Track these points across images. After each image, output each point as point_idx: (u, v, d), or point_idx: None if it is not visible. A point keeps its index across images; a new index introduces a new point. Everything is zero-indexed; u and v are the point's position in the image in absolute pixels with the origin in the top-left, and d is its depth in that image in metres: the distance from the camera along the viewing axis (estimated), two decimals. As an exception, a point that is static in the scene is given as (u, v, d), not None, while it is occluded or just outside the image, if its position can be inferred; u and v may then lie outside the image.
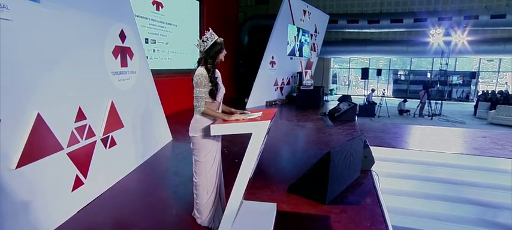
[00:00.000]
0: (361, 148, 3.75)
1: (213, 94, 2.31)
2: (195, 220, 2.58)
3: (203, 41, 2.33)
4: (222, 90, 2.44)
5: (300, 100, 9.71)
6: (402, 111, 11.03)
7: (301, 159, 4.49)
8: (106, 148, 3.24)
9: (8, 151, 2.08)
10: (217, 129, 2.24)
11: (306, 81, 10.19)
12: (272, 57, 9.82)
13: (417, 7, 13.29)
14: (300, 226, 2.71)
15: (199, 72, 2.29)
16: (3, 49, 2.02)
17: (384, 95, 10.84)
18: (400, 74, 16.56)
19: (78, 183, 2.78)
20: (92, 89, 3.01)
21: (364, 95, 11.37)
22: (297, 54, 11.29)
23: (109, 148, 3.29)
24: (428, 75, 15.66)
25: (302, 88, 9.80)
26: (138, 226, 2.60)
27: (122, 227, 2.67)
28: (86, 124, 2.88)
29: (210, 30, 2.37)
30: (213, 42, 2.30)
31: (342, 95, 11.29)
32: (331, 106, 9.10)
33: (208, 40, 2.30)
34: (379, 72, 12.09)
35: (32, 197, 2.29)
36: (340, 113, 7.39)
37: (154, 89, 4.49)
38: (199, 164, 2.44)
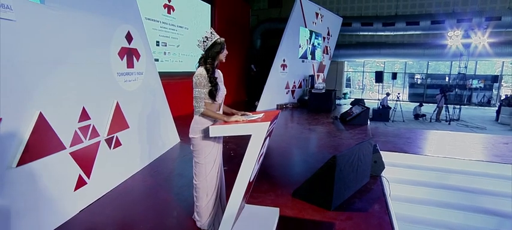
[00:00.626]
0: (370, 152, 3.61)
1: (213, 95, 2.27)
2: (195, 223, 2.54)
3: (203, 41, 2.29)
4: (223, 91, 2.39)
5: (312, 103, 9.57)
6: (418, 116, 10.66)
7: (309, 163, 4.38)
8: (110, 148, 3.25)
9: (9, 149, 2.11)
10: (216, 130, 2.19)
11: (318, 85, 10.04)
12: (283, 60, 9.74)
13: (434, 9, 12.89)
14: (303, 232, 2.62)
15: (198, 72, 2.25)
16: (6, 49, 2.05)
17: (399, 99, 10.52)
18: (417, 78, 16.06)
19: (81, 183, 2.80)
20: (97, 90, 3.03)
21: (378, 99, 11.06)
22: (309, 57, 11.16)
23: (113, 148, 3.30)
24: (446, 79, 15.12)
25: (313, 91, 9.67)
26: (138, 228, 2.58)
27: (121, 228, 2.65)
28: (90, 124, 2.90)
29: (211, 29, 2.33)
30: (213, 42, 2.27)
31: (355, 99, 11.04)
32: (343, 110, 8.92)
33: (208, 40, 2.27)
34: (394, 76, 11.74)
35: (34, 195, 2.31)
36: (351, 117, 7.21)
37: (161, 91, 4.50)
38: (199, 166, 2.39)
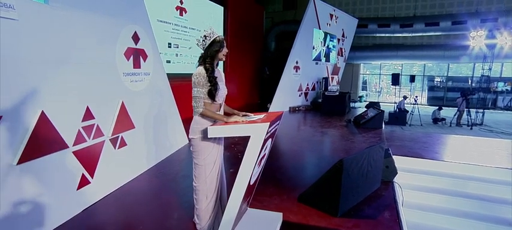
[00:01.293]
0: (381, 156, 3.44)
1: (212, 94, 2.21)
2: (196, 226, 2.48)
3: (202, 39, 2.23)
4: (223, 91, 2.33)
5: (325, 106, 9.38)
6: (437, 120, 10.22)
7: (319, 167, 4.24)
8: (115, 148, 3.26)
9: (10, 147, 2.12)
10: (214, 131, 2.13)
11: (331, 87, 9.84)
12: (296, 62, 9.61)
13: (456, 9, 12.37)
14: (306, 239, 2.50)
15: (197, 72, 2.20)
16: (8, 48, 2.07)
17: (416, 102, 10.13)
18: (437, 81, 15.44)
19: (84, 182, 2.80)
20: (102, 89, 3.05)
21: (394, 102, 10.71)
22: (323, 59, 10.97)
23: (118, 148, 3.31)
24: (469, 82, 14.45)
25: (327, 94, 9.48)
26: (137, 229, 2.55)
27: (121, 228, 2.63)
28: (94, 123, 2.91)
29: (211, 27, 2.27)
30: (212, 40, 2.20)
31: (370, 102, 10.73)
32: (358, 113, 8.67)
33: (206, 38, 2.21)
34: (412, 79, 11.30)
35: (35, 193, 2.32)
36: (365, 120, 6.98)
37: (169, 92, 4.50)
38: (198, 167, 2.34)
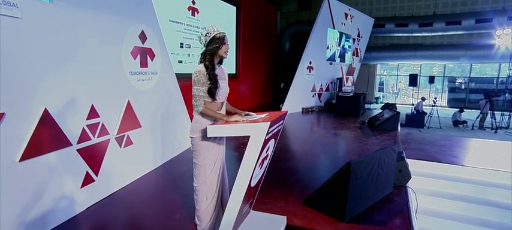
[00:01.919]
0: (393, 160, 3.27)
1: (212, 93, 2.15)
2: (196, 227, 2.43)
3: (204, 36, 2.18)
4: (224, 90, 2.26)
5: (339, 107, 9.17)
6: (457, 122, 9.75)
7: (328, 169, 4.10)
8: (121, 147, 3.26)
9: (13, 143, 2.14)
10: (213, 130, 2.07)
11: (346, 88, 9.61)
12: (310, 62, 9.46)
13: (480, 6, 11.78)
14: (310, 245, 2.40)
15: (197, 69, 2.15)
16: (11, 46, 2.10)
17: (435, 104, 9.72)
18: (459, 82, 14.77)
19: (88, 180, 2.81)
20: (107, 88, 3.06)
21: (412, 104, 10.33)
22: (338, 60, 10.74)
23: (124, 147, 3.31)
24: (493, 83, 13.74)
25: (341, 94, 9.26)
26: (138, 228, 2.53)
27: (121, 227, 2.62)
28: (99, 122, 2.92)
29: (212, 24, 2.21)
30: (212, 37, 2.14)
31: (386, 103, 10.39)
32: (373, 114, 8.42)
33: (207, 35, 2.15)
34: (431, 80, 10.85)
35: (38, 190, 2.34)
36: (380, 122, 6.75)
37: (178, 91, 4.48)
38: (198, 167, 2.29)
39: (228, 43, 2.23)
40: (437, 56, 12.53)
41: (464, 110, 10.36)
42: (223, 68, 2.39)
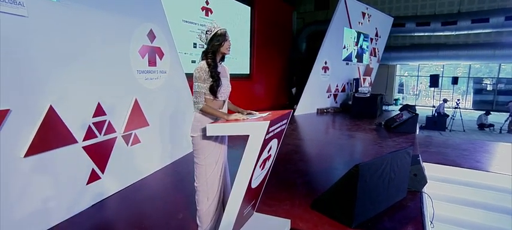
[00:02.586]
0: (407, 163, 3.10)
1: (213, 90, 2.09)
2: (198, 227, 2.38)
3: (205, 33, 2.14)
4: (226, 88, 2.20)
5: (355, 108, 8.92)
6: (483, 126, 9.22)
7: (339, 172, 3.94)
8: (128, 145, 3.28)
9: (18, 140, 2.18)
10: (213, 129, 2.01)
11: (362, 88, 9.32)
12: (325, 63, 9.27)
13: (511, 3, 11.09)
14: (313, 250, 2.29)
15: (199, 66, 2.10)
16: (17, 44, 2.14)
17: (458, 106, 9.24)
18: (486, 83, 13.99)
19: (94, 177, 2.84)
20: (114, 86, 3.08)
21: (433, 106, 9.87)
22: (355, 60, 10.46)
23: (131, 145, 3.33)
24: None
25: (357, 95, 9.00)
26: (139, 227, 2.51)
27: (124, 225, 2.61)
28: (105, 120, 2.94)
29: (213, 21, 2.17)
30: (213, 34, 2.09)
31: (404, 104, 10.00)
32: (391, 116, 8.11)
33: (208, 32, 2.11)
34: (455, 81, 10.30)
35: (42, 186, 2.37)
36: (397, 124, 6.48)
37: (187, 90, 4.48)
38: (199, 167, 2.23)
39: (230, 39, 2.17)
40: (461, 56, 11.91)
41: (491, 112, 9.79)
42: (225, 66, 2.33)
